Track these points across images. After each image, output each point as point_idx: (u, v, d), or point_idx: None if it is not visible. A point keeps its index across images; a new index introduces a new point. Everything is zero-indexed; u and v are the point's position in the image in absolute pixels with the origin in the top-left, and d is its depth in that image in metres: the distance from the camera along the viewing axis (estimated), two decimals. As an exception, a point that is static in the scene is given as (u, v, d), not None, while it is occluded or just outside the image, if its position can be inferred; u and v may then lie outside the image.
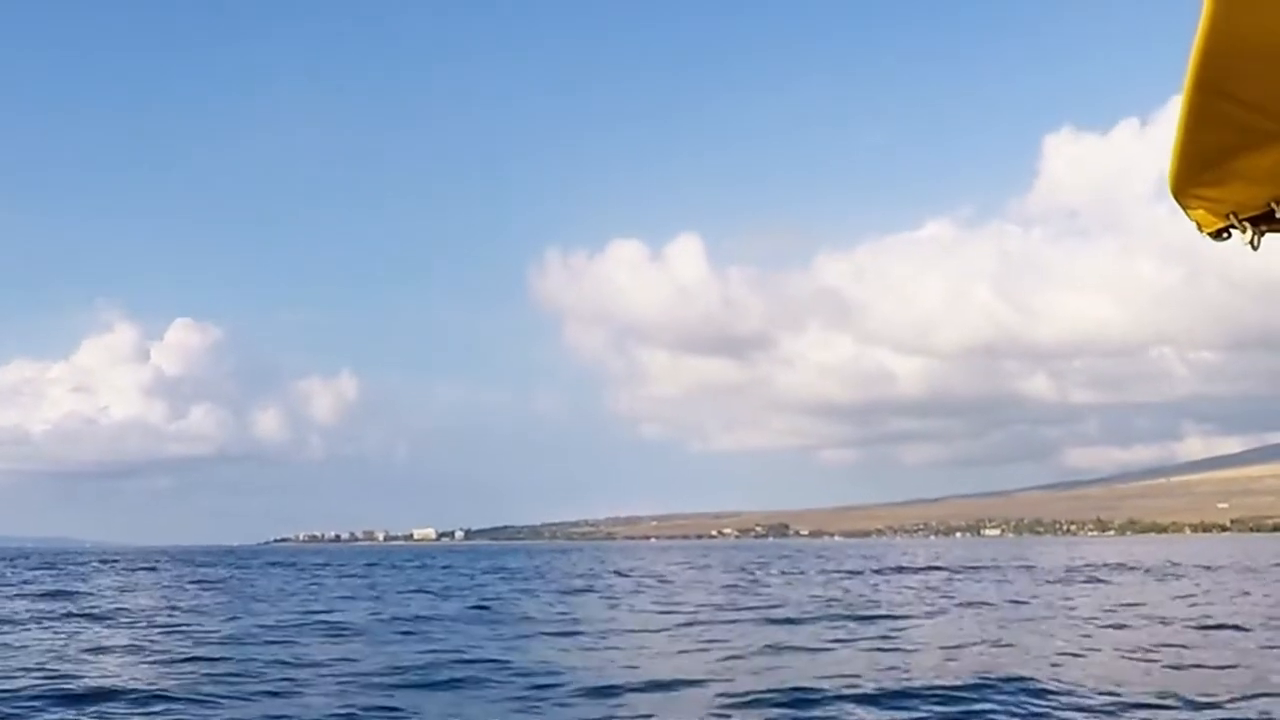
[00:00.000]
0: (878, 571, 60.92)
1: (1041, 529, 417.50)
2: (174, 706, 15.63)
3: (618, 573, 63.68)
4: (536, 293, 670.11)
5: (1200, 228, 3.98)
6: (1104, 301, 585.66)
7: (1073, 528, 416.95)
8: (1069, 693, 15.46)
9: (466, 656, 20.49)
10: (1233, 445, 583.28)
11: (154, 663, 20.60)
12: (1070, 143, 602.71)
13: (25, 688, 17.13)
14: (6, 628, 28.31)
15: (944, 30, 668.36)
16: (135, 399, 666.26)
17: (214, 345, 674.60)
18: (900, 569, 64.73)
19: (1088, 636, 23.04)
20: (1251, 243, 3.89)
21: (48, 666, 19.82)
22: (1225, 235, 3.95)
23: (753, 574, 60.08)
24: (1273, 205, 3.71)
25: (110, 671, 19.33)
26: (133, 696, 16.23)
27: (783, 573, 61.26)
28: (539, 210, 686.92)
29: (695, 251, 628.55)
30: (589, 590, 45.50)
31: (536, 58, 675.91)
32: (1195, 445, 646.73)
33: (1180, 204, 3.84)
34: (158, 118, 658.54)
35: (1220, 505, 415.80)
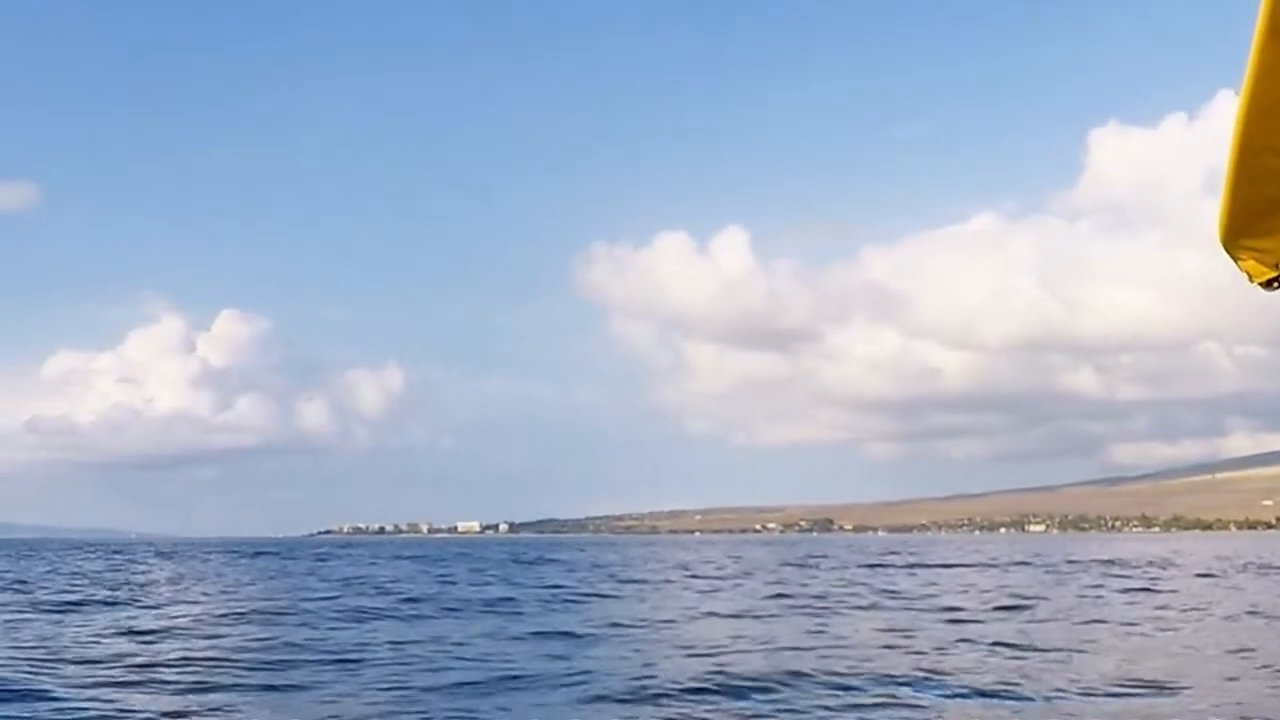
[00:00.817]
0: (974, 567, 61.17)
1: (1086, 525, 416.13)
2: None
3: (682, 567, 64.37)
4: (582, 285, 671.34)
5: (1251, 278, 3.98)
6: (1150, 296, 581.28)
7: (1118, 524, 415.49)
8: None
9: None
10: (1279, 442, 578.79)
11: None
12: (1116, 137, 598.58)
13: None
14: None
15: (991, 24, 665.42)
16: (181, 390, 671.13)
17: (260, 337, 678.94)
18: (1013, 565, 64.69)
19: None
20: None
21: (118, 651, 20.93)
22: (1276, 285, 3.97)
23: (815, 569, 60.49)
24: None
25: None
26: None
27: (833, 567, 61.83)
28: (584, 202, 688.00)
29: (741, 244, 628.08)
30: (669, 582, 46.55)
31: (579, 51, 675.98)
32: (1241, 441, 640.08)
33: (1230, 255, 3.85)
34: (206, 110, 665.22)
35: (1265, 502, 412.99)
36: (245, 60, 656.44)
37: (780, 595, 36.65)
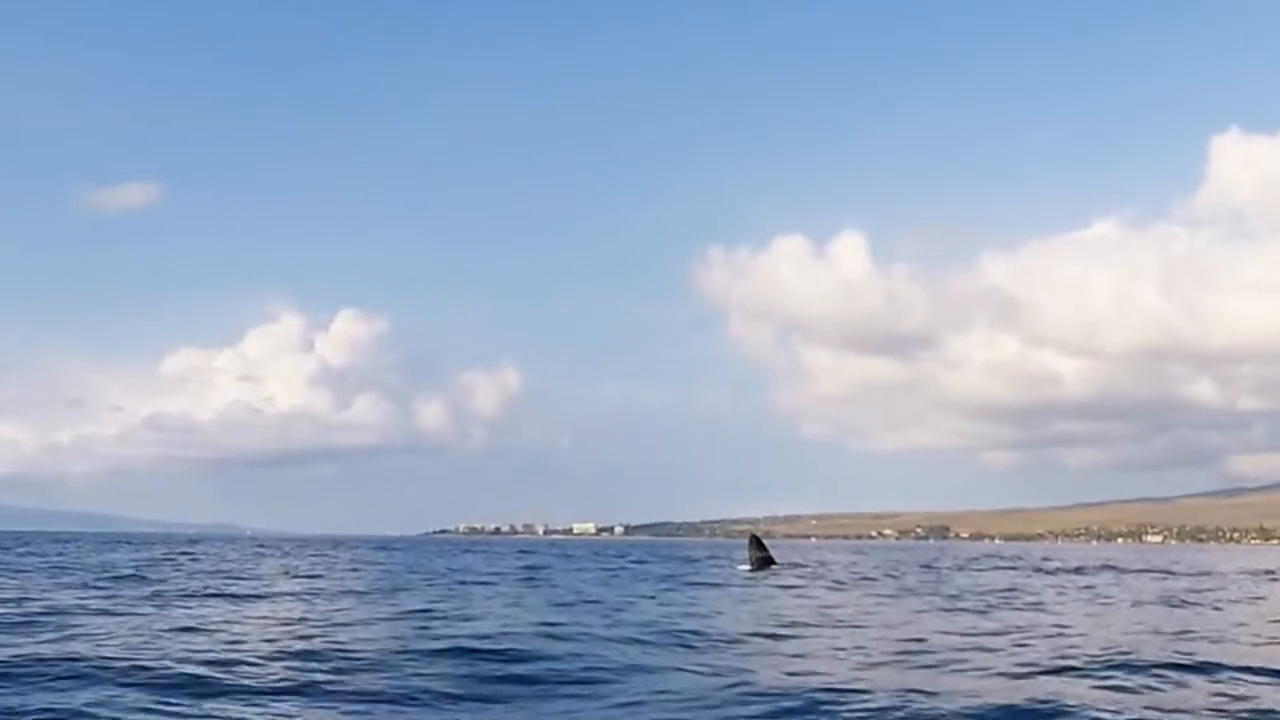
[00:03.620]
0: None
1: (1204, 536, 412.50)
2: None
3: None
4: (700, 288, 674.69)
5: None
6: (1272, 305, 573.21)
7: (1236, 535, 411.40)
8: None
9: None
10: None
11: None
12: (1238, 144, 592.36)
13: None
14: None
15: (1110, 32, 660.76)
16: (300, 389, 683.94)
17: (378, 337, 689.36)
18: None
19: None
20: None
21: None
22: None
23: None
24: None
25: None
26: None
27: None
28: (703, 206, 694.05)
29: (859, 249, 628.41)
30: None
31: (699, 57, 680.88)
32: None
33: None
34: (328, 114, 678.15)
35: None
36: (368, 63, 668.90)
37: None
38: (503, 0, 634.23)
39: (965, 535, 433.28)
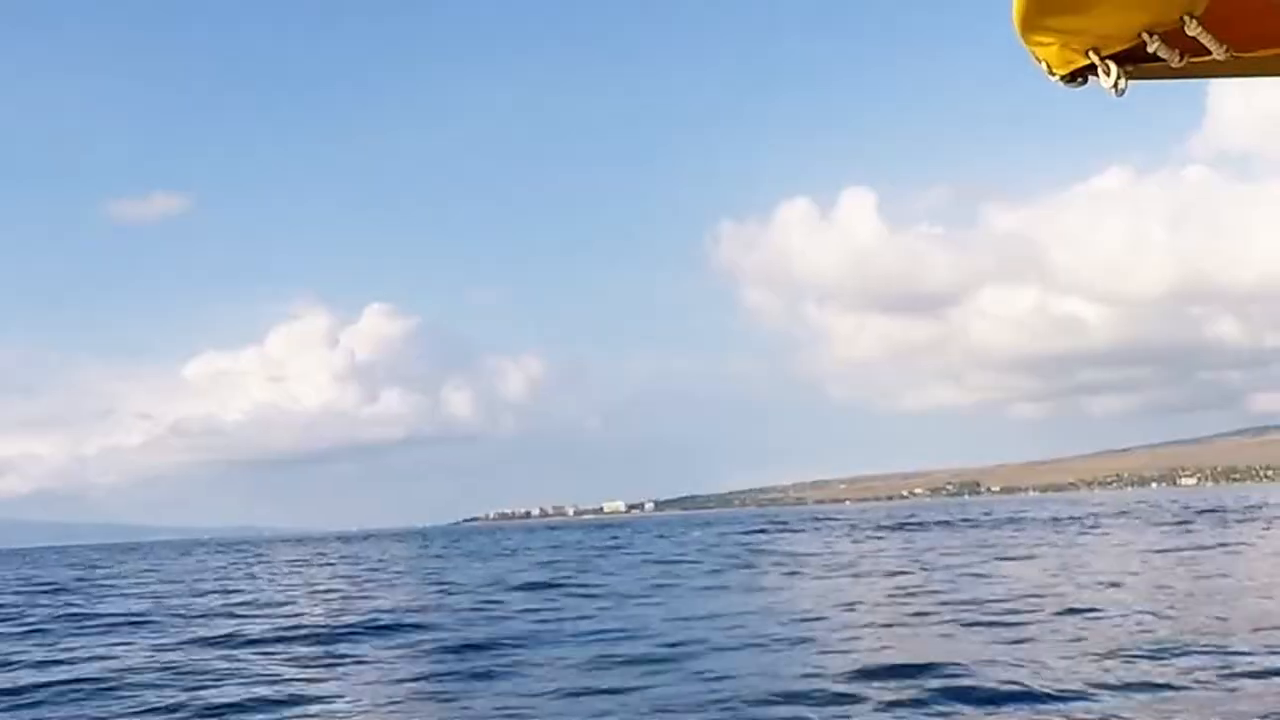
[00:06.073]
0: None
1: (1238, 476, 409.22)
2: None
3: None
4: (717, 260, 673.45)
5: (1050, 69, 3.04)
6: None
7: (1270, 474, 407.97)
8: None
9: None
10: None
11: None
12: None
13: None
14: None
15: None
16: (327, 385, 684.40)
17: (405, 329, 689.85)
18: None
19: None
20: (1115, 87, 3.00)
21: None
22: (1081, 80, 3.05)
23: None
24: (1144, 37, 2.83)
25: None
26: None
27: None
28: (713, 177, 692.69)
29: (869, 208, 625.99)
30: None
31: (703, 31, 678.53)
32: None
33: (1029, 42, 2.92)
34: (351, 109, 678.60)
35: None
36: (388, 56, 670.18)
37: None
38: (514, 4, 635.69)
39: (997, 489, 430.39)
